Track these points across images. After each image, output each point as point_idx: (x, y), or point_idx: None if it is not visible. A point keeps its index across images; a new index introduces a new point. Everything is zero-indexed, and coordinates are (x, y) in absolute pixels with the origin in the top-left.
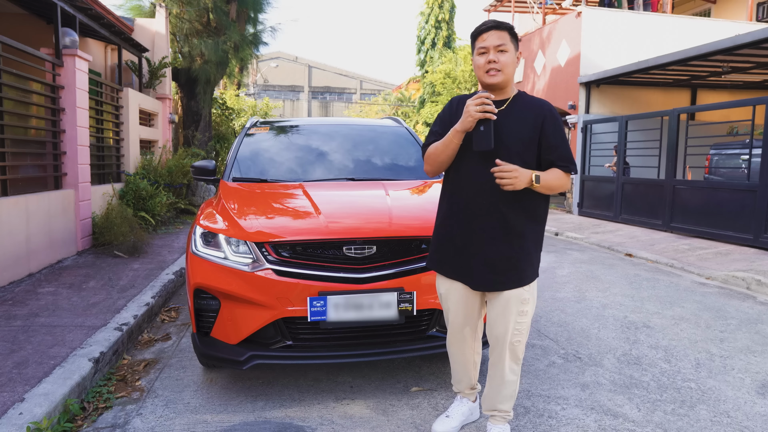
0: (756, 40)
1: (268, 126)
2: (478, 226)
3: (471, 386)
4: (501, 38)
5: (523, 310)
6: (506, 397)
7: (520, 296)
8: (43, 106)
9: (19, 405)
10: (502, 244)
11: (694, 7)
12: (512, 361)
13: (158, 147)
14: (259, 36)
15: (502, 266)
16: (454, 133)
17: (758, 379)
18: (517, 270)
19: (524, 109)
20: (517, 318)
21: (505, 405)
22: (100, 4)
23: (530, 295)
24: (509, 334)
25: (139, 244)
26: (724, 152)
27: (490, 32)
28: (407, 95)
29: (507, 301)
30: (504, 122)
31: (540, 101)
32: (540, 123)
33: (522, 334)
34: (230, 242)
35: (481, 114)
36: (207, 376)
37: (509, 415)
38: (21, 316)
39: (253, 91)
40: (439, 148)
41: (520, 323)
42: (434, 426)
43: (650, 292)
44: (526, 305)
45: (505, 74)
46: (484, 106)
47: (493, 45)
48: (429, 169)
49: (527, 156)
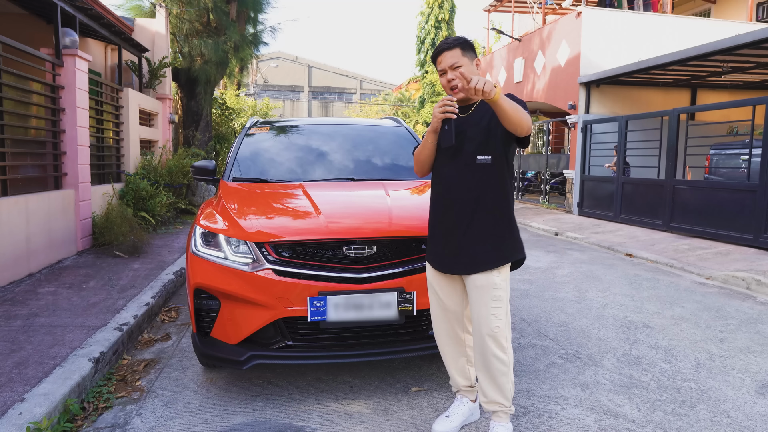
0: (756, 40)
1: (268, 126)
2: (453, 213)
3: (467, 384)
4: (453, 57)
5: (495, 295)
6: (499, 387)
7: (490, 281)
8: (43, 106)
9: (19, 405)
10: (474, 228)
11: (694, 7)
12: (496, 347)
13: (158, 147)
14: (259, 36)
15: (474, 250)
16: (427, 134)
17: (758, 379)
18: (488, 252)
19: (486, 107)
20: (491, 303)
21: (500, 397)
22: (100, 4)
23: (502, 280)
24: (486, 319)
25: (139, 244)
26: (724, 152)
27: (443, 54)
28: (407, 95)
29: (479, 287)
30: (470, 121)
31: None
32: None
33: (499, 319)
34: (230, 242)
35: (443, 114)
36: (207, 376)
37: (509, 410)
38: (21, 316)
39: (253, 91)
40: (419, 149)
41: (495, 308)
42: (434, 426)
43: (650, 292)
44: (497, 290)
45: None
46: (445, 107)
47: (449, 65)
48: (416, 170)
49: (490, 144)
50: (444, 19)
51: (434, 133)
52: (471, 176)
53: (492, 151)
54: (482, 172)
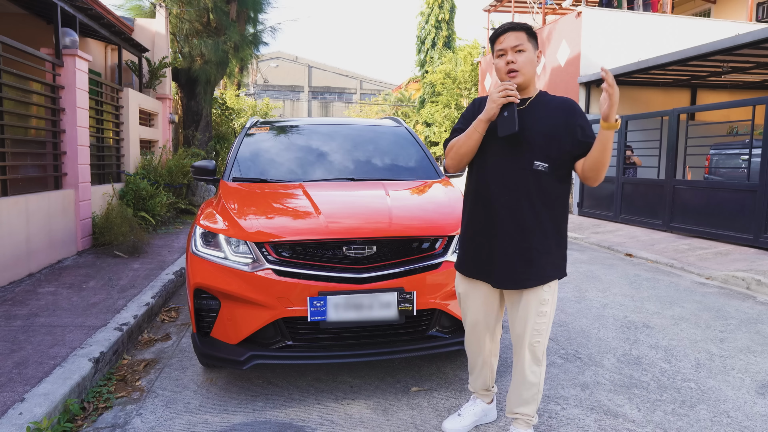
0: (756, 40)
1: (268, 126)
2: (500, 221)
3: (486, 387)
4: (518, 39)
5: (542, 311)
6: (527, 399)
7: (540, 296)
8: (44, 106)
9: (19, 405)
10: (523, 240)
11: (694, 7)
12: (532, 362)
13: (158, 147)
14: (259, 36)
15: (522, 263)
16: (478, 122)
17: (758, 379)
18: (538, 267)
19: (546, 107)
20: (537, 318)
21: (527, 408)
22: (100, 4)
23: (550, 296)
24: (528, 334)
25: (139, 244)
26: (724, 152)
27: (507, 34)
28: (407, 95)
29: (526, 300)
30: (527, 118)
31: (562, 99)
32: (564, 117)
33: (541, 334)
34: (230, 242)
35: (505, 99)
36: (207, 376)
37: (532, 420)
38: (21, 316)
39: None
40: (462, 140)
41: (540, 323)
42: (444, 424)
43: (650, 292)
44: (545, 305)
45: (525, 74)
46: (507, 91)
47: (511, 46)
48: (450, 164)
49: (551, 151)
50: (444, 19)
51: (487, 122)
52: (523, 181)
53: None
54: (537, 178)
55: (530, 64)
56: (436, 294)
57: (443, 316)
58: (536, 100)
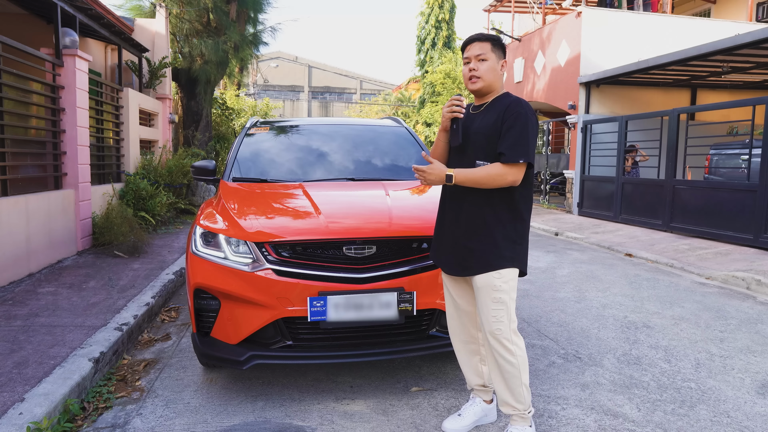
0: (756, 40)
1: (268, 126)
2: (451, 216)
3: (481, 383)
4: (482, 48)
5: (496, 297)
6: (510, 390)
7: (491, 283)
8: (44, 106)
9: (19, 405)
10: (466, 231)
11: (694, 7)
12: (500, 348)
13: (158, 147)
14: (259, 36)
15: (466, 252)
16: (439, 133)
17: (758, 379)
18: (479, 256)
19: (494, 109)
20: (492, 305)
21: (512, 399)
22: (100, 4)
23: (503, 284)
24: (486, 321)
25: (139, 244)
26: (724, 152)
27: (473, 44)
28: (407, 95)
29: (479, 288)
30: (477, 121)
31: (512, 99)
32: (500, 119)
33: (501, 321)
34: (230, 242)
35: (450, 114)
36: (207, 376)
37: (524, 412)
38: (21, 316)
39: (253, 91)
40: (433, 147)
41: (496, 310)
42: (444, 424)
43: (650, 292)
44: (498, 292)
45: (485, 81)
46: (453, 107)
47: (474, 55)
48: None
49: (489, 149)
50: (444, 19)
51: (445, 132)
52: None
53: (492, 158)
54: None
55: (491, 72)
56: (436, 294)
57: (443, 316)
58: (491, 104)
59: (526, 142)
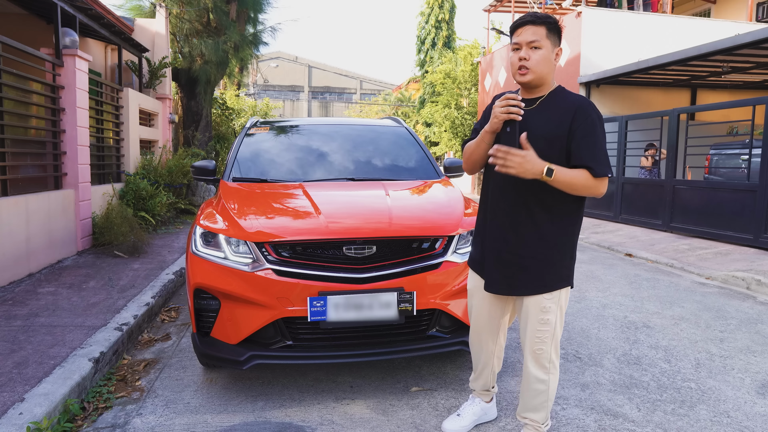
0: (756, 40)
1: (268, 126)
2: (499, 225)
3: (486, 388)
4: (535, 34)
5: (543, 319)
6: (534, 406)
7: (539, 304)
8: (44, 106)
9: (19, 405)
10: (519, 246)
11: (694, 7)
12: (537, 368)
13: (158, 147)
14: (259, 36)
15: (517, 270)
16: (484, 134)
17: (758, 379)
18: (534, 275)
19: (555, 106)
20: (538, 326)
21: (535, 415)
22: (100, 4)
23: (553, 304)
24: (529, 340)
25: (139, 244)
26: (724, 152)
27: (525, 27)
28: (407, 95)
29: (527, 307)
30: (531, 121)
31: (574, 98)
32: (568, 121)
33: (544, 342)
34: (230, 242)
35: (506, 116)
36: (207, 376)
37: (541, 428)
38: (21, 316)
39: (253, 91)
40: (472, 147)
41: (542, 331)
42: (444, 424)
43: (650, 292)
44: (547, 314)
45: (536, 72)
46: (509, 107)
47: (526, 41)
48: (465, 167)
49: (551, 155)
50: (444, 19)
51: (492, 134)
52: (525, 189)
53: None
54: (538, 186)
55: (545, 62)
56: (436, 294)
57: (443, 316)
58: (547, 99)
59: (607, 154)
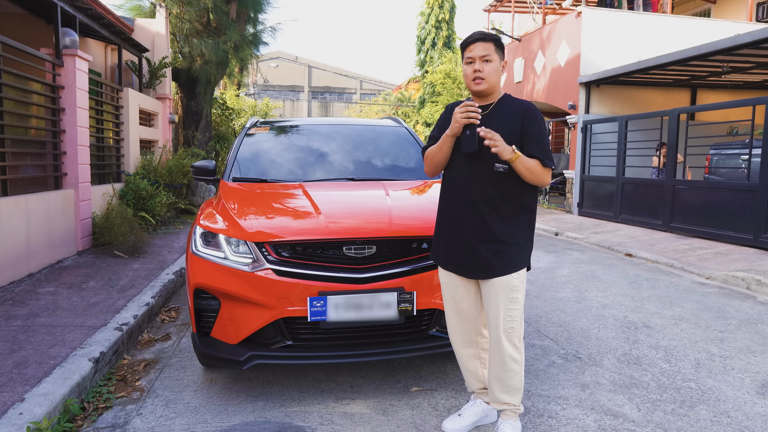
0: (756, 40)
1: (268, 126)
2: (466, 218)
3: (481, 386)
4: (486, 49)
5: (513, 297)
6: (511, 388)
7: (509, 283)
8: (44, 106)
9: (19, 405)
10: (491, 235)
11: (694, 7)
12: (511, 347)
13: (158, 147)
14: (259, 36)
15: (488, 255)
16: (445, 137)
17: (758, 379)
18: (505, 258)
19: (506, 110)
20: (509, 305)
21: (512, 398)
22: (100, 4)
23: (519, 283)
24: (502, 320)
25: (139, 244)
26: (724, 152)
27: (477, 44)
28: (407, 95)
29: (497, 288)
30: (487, 125)
31: (522, 103)
32: (520, 121)
33: (515, 320)
34: (230, 242)
35: (466, 120)
36: (207, 376)
37: (518, 409)
38: (21, 316)
39: (253, 91)
40: (434, 151)
41: (512, 310)
42: (444, 424)
43: (650, 292)
44: (516, 292)
45: (489, 82)
46: (468, 113)
47: (479, 56)
48: (428, 170)
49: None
50: (444, 19)
51: (453, 137)
52: (488, 183)
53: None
54: (499, 179)
55: (495, 73)
56: (436, 294)
57: (443, 316)
58: (498, 104)
59: (550, 149)
